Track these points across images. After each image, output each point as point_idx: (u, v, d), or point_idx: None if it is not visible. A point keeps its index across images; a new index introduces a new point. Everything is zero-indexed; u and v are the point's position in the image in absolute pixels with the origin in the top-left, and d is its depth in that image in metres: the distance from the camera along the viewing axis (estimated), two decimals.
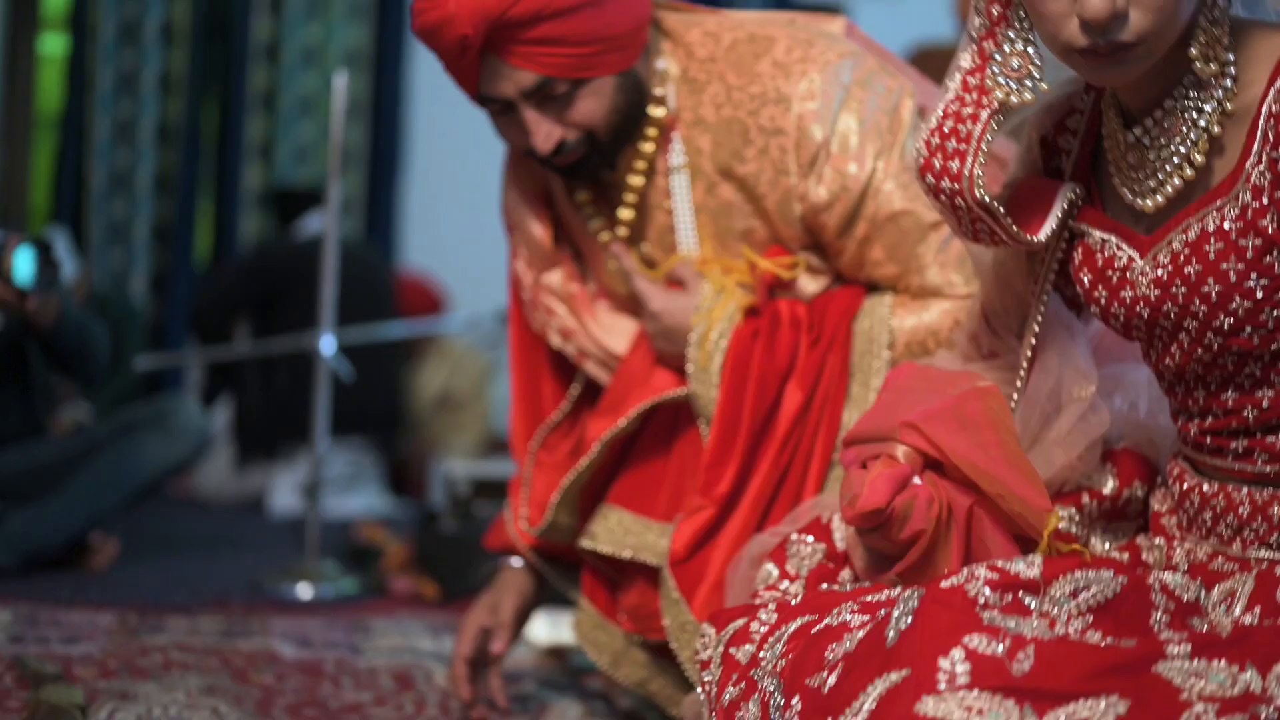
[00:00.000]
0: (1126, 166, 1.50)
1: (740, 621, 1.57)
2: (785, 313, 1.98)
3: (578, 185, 2.11)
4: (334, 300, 3.62)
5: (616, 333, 2.13)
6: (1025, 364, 1.64)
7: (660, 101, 2.04)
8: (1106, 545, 1.62)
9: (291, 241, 5.49)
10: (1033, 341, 1.63)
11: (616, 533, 2.05)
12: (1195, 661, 1.26)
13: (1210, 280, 1.40)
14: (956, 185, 1.53)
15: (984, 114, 1.51)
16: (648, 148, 2.05)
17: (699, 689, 1.61)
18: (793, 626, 1.48)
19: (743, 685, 1.49)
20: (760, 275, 2.00)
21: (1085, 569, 1.34)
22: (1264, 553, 1.42)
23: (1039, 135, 1.63)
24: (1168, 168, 1.45)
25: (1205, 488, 1.49)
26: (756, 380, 1.95)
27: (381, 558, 3.66)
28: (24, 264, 3.21)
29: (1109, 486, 1.65)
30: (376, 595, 3.45)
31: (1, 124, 6.43)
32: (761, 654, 1.49)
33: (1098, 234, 1.54)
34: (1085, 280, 1.55)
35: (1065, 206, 1.55)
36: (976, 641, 1.27)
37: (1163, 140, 1.45)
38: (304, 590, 3.32)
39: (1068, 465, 1.62)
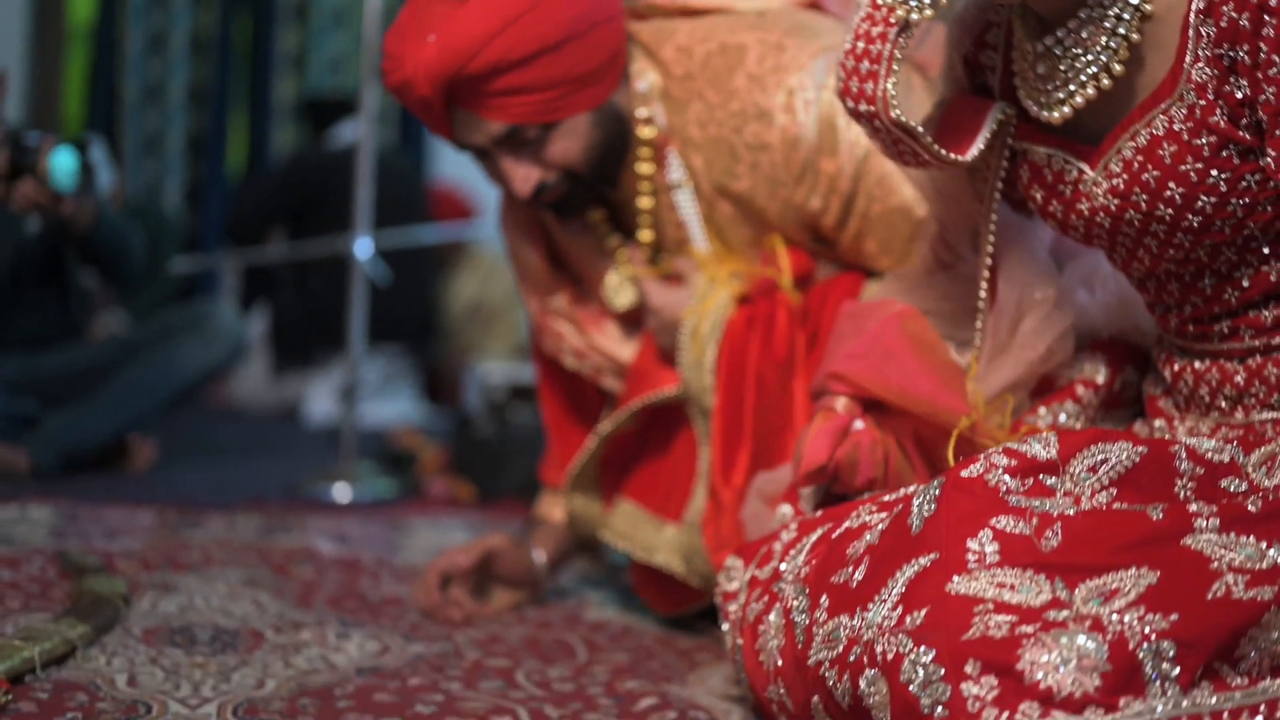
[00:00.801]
0: (1034, 78, 1.48)
1: (764, 548, 1.58)
2: (782, 302, 1.99)
3: (588, 208, 2.12)
4: (370, 204, 3.61)
5: (627, 343, 2.17)
6: (986, 279, 1.64)
7: (648, 122, 2.04)
8: None
9: (325, 151, 5.47)
10: (989, 259, 1.63)
11: (621, 523, 2.09)
12: (1224, 535, 1.26)
13: (1171, 184, 1.39)
14: (872, 107, 1.51)
15: (891, 32, 1.49)
16: (646, 169, 2.06)
17: (724, 623, 1.62)
18: (813, 537, 1.50)
19: (765, 599, 1.50)
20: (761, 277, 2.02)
21: (1102, 441, 1.34)
22: (1267, 414, 1.41)
23: (959, 55, 1.61)
24: (1082, 78, 1.43)
25: (1196, 365, 1.50)
26: (755, 370, 1.96)
27: (417, 463, 3.67)
28: (59, 166, 3.19)
29: (1101, 375, 1.66)
30: (413, 497, 3.47)
31: (34, 36, 6.42)
32: (783, 566, 1.51)
33: (1042, 150, 1.52)
34: (1038, 197, 1.54)
35: (995, 127, 1.54)
36: (1004, 522, 1.27)
37: (1077, 50, 1.43)
38: (341, 492, 3.33)
39: (1039, 360, 1.63)
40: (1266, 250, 1.41)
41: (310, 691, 1.69)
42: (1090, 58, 1.42)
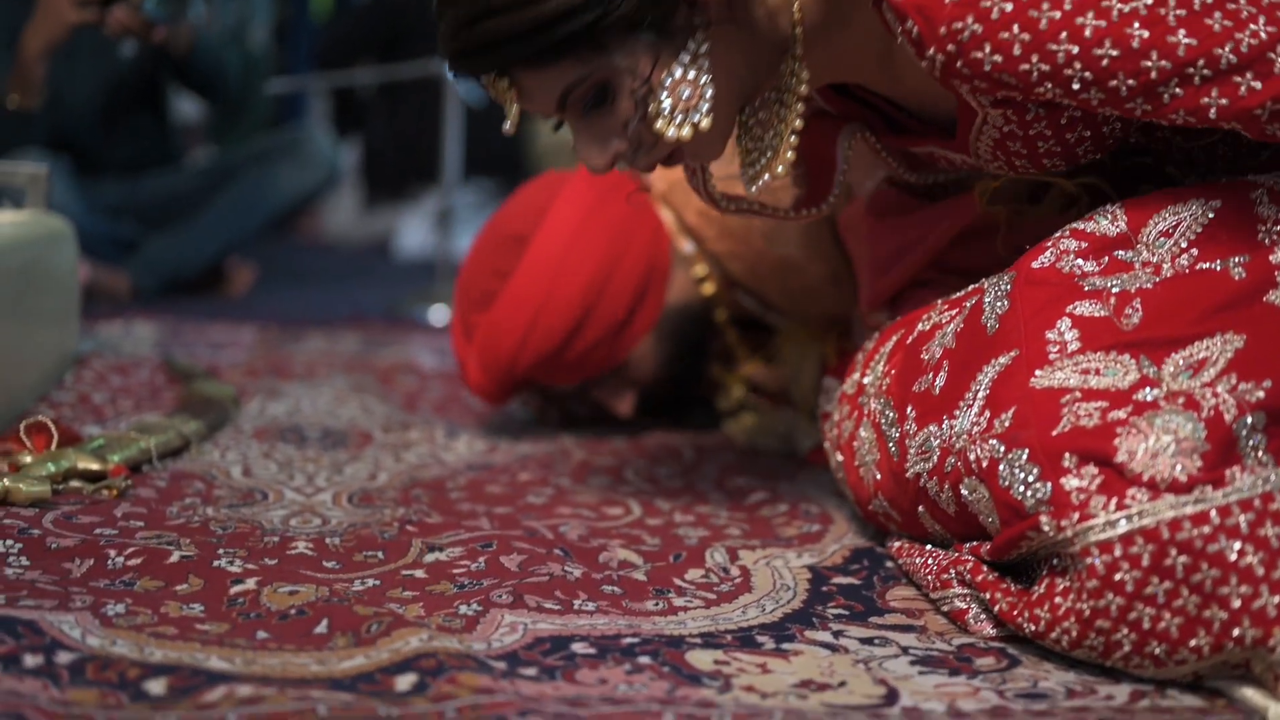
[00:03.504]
0: (745, 148, 1.46)
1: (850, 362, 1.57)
2: None
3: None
4: None
5: None
6: None
7: (707, 278, 2.03)
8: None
9: None
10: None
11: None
12: None
13: (1045, 159, 1.37)
14: (709, 202, 1.53)
15: None
16: (723, 314, 2.06)
17: (825, 443, 1.61)
18: (888, 346, 1.47)
19: (854, 415, 1.48)
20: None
21: (1171, 204, 1.28)
22: (1266, 178, 1.33)
23: None
24: (769, 153, 1.42)
25: (1169, 169, 1.45)
26: None
27: None
28: None
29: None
30: None
31: None
32: (865, 379, 1.48)
33: (917, 150, 1.49)
34: (943, 168, 1.53)
35: (847, 155, 1.52)
36: (1081, 307, 1.23)
37: (761, 129, 1.43)
38: (438, 314, 3.34)
39: None
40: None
41: (422, 483, 1.71)
42: (772, 134, 1.41)
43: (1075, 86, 1.22)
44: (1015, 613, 1.20)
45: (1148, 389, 1.16)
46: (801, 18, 1.36)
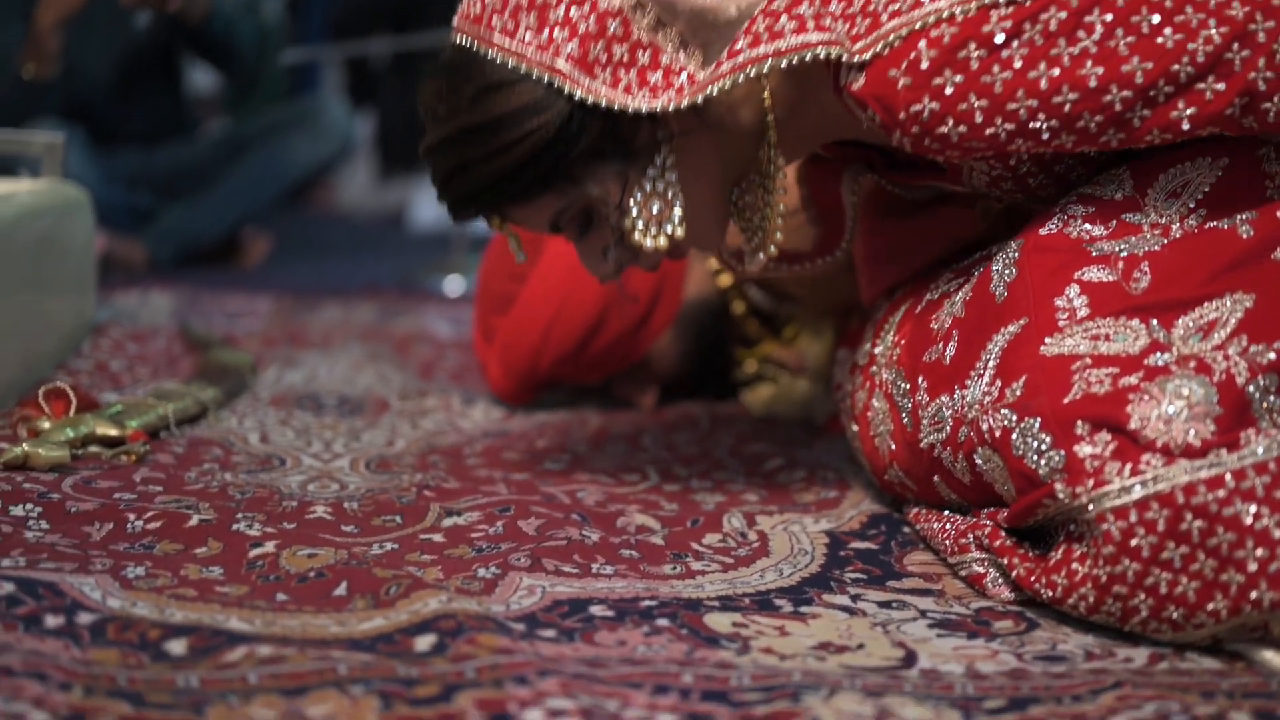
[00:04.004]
0: (742, 227, 1.49)
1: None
2: None
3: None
4: None
5: None
6: None
7: (720, 270, 2.03)
8: None
9: None
10: None
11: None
12: None
13: (1040, 192, 1.38)
14: (728, 268, 1.62)
15: None
16: (740, 307, 2.06)
17: (841, 415, 1.61)
18: (898, 314, 1.48)
19: (866, 385, 1.48)
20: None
21: (1177, 165, 1.27)
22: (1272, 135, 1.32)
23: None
24: (760, 233, 1.45)
25: None
26: None
27: None
28: None
29: None
30: None
31: None
32: (876, 350, 1.48)
33: (918, 184, 1.51)
34: (950, 190, 1.53)
35: (854, 203, 1.56)
36: (1090, 273, 1.23)
37: (750, 211, 1.46)
38: (453, 284, 3.34)
39: None
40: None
41: (439, 450, 1.71)
42: (759, 217, 1.44)
43: (1045, 136, 1.23)
44: (1033, 578, 1.20)
45: (1159, 354, 1.16)
46: (773, 104, 1.38)
